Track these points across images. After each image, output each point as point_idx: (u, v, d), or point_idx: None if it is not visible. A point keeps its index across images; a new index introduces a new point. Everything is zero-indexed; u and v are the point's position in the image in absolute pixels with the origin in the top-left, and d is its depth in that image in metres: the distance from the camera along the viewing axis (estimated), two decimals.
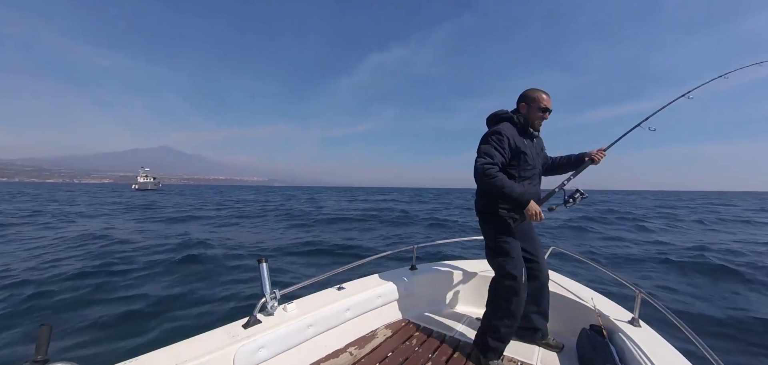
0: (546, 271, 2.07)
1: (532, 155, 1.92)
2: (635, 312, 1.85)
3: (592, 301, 2.10)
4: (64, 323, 3.76)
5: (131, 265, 6.23)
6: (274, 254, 7.87)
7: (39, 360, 0.92)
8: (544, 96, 1.92)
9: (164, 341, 1.41)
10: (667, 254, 7.80)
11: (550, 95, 1.94)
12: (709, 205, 31.04)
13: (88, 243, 8.31)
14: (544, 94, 1.92)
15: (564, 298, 2.25)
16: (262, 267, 1.65)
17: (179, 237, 9.47)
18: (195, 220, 14.95)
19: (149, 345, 2.19)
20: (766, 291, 5.35)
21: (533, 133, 1.95)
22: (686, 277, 6.16)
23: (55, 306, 4.28)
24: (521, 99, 1.96)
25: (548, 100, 1.92)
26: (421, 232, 12.65)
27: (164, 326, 3.79)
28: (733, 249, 8.56)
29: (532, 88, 1.94)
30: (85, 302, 4.40)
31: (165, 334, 3.61)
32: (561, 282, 2.46)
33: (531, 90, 1.94)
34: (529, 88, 1.95)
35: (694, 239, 10.44)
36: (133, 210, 18.80)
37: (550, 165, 2.18)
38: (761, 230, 12.95)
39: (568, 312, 2.19)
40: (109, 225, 12.22)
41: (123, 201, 27.36)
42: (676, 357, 1.52)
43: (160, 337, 3.52)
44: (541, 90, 1.93)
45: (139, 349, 2.19)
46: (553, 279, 2.53)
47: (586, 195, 1.88)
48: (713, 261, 6.95)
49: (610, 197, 57.32)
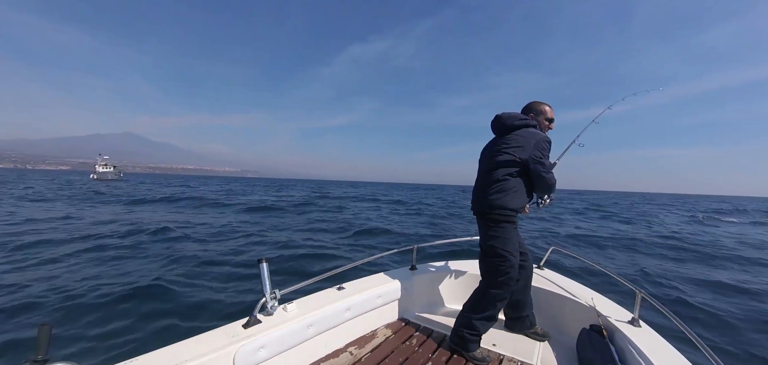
0: (532, 263, 2.20)
1: None
2: (635, 312, 1.85)
3: (592, 301, 2.10)
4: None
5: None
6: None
7: (39, 360, 0.92)
8: (548, 108, 2.14)
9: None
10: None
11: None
12: (619, 204, 33.73)
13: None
14: (547, 105, 2.14)
15: (564, 298, 2.25)
16: (262, 267, 1.65)
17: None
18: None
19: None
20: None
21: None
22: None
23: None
24: (538, 113, 2.12)
25: (551, 111, 2.15)
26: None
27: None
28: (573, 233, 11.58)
29: (538, 102, 2.13)
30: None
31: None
32: (561, 283, 2.46)
33: (539, 104, 2.13)
34: (535, 102, 2.14)
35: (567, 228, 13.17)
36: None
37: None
38: (591, 222, 16.03)
39: (568, 312, 2.19)
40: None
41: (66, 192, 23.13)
42: (676, 357, 1.52)
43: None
44: (544, 102, 2.14)
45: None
46: (553, 279, 2.53)
47: (554, 197, 2.16)
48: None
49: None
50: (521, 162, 1.90)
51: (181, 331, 3.56)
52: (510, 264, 1.86)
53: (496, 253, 1.88)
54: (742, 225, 17.24)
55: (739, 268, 7.37)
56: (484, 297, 1.91)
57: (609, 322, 1.88)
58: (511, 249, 1.87)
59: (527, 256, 2.14)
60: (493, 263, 1.90)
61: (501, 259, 1.87)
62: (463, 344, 1.89)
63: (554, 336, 2.15)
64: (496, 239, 1.89)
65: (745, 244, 10.66)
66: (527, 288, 2.14)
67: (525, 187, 1.93)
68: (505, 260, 1.86)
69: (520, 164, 1.90)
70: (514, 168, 1.90)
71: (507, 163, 1.91)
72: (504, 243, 1.87)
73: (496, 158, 1.95)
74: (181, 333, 3.28)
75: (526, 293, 2.14)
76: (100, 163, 65.90)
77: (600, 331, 1.84)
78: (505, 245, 1.87)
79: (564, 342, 2.09)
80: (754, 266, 7.60)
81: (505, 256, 1.86)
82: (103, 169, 64.63)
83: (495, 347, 2.01)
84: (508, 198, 1.88)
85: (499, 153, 1.95)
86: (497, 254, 1.88)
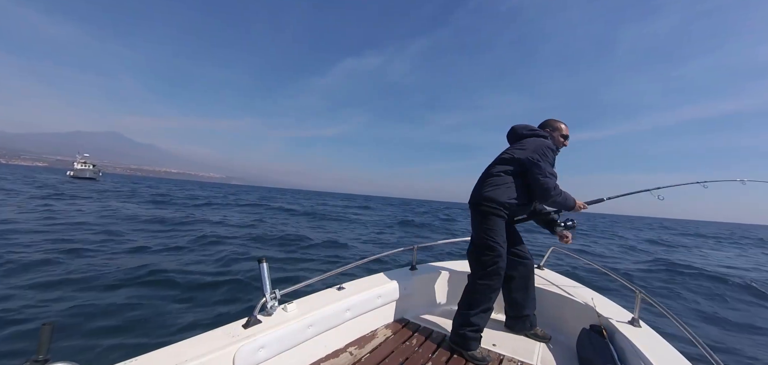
0: (532, 262, 2.21)
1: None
2: (635, 312, 1.85)
3: (592, 301, 2.10)
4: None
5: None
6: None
7: (40, 360, 0.92)
8: (564, 126, 2.17)
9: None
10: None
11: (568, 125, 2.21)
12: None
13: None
14: (563, 123, 2.18)
15: (564, 298, 2.25)
16: (262, 267, 1.65)
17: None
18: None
19: None
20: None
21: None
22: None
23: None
24: (553, 129, 2.16)
25: (567, 129, 2.18)
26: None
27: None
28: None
29: (555, 119, 2.18)
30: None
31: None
32: (561, 283, 2.46)
33: (555, 121, 2.17)
34: (552, 119, 2.19)
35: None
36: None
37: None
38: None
39: (568, 312, 2.19)
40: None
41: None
42: (676, 357, 1.52)
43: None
44: (561, 121, 2.18)
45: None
46: (553, 279, 2.53)
47: (576, 224, 2.14)
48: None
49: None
50: (518, 161, 1.96)
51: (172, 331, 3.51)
52: (497, 254, 1.89)
53: (483, 244, 1.93)
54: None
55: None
56: (475, 291, 1.93)
57: (609, 322, 1.88)
58: (498, 241, 1.90)
59: (526, 257, 2.16)
60: (481, 253, 1.93)
61: (488, 249, 1.91)
62: (464, 343, 1.90)
63: (554, 336, 2.15)
64: (485, 230, 1.94)
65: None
66: (526, 289, 2.15)
67: (517, 187, 1.96)
68: (491, 250, 1.89)
69: (516, 162, 1.97)
70: (510, 166, 1.98)
71: (504, 160, 2.02)
72: (492, 234, 1.91)
73: (498, 157, 2.07)
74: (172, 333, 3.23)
75: (525, 294, 2.15)
76: (80, 161, 62.62)
77: (600, 331, 1.84)
78: (493, 236, 1.91)
79: (564, 343, 2.09)
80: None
81: (493, 247, 1.89)
82: (81, 167, 61.43)
83: (495, 347, 2.01)
84: (499, 192, 1.94)
85: (502, 154, 2.07)
86: (485, 245, 1.92)
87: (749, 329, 4.75)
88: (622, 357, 1.66)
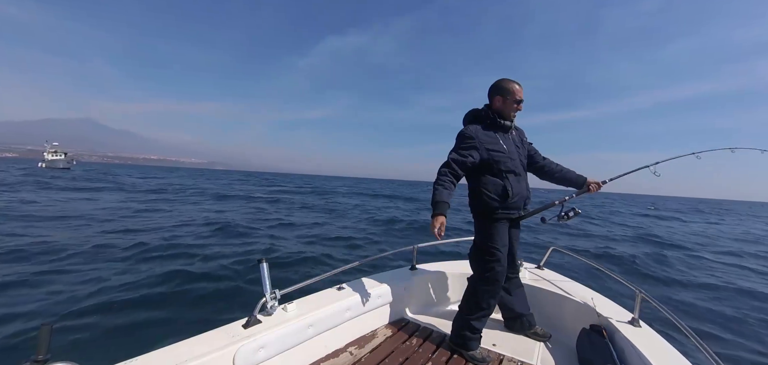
0: (518, 267, 2.18)
1: (510, 149, 1.91)
2: (635, 312, 1.84)
3: (592, 301, 2.10)
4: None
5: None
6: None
7: (40, 360, 0.92)
8: (517, 87, 1.88)
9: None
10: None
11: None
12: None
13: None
14: (516, 84, 1.88)
15: (564, 298, 2.25)
16: (262, 266, 1.65)
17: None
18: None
19: None
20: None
21: (508, 125, 1.93)
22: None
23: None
24: (496, 91, 1.90)
25: (521, 91, 1.89)
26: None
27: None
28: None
29: (505, 80, 1.89)
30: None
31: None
32: (561, 283, 2.46)
33: (504, 81, 1.89)
34: (501, 80, 1.90)
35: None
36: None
37: (539, 166, 2.13)
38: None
39: (568, 312, 2.19)
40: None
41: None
42: (676, 357, 1.52)
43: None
44: (513, 81, 1.89)
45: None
46: (553, 279, 2.53)
47: (580, 212, 2.00)
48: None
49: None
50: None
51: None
52: (495, 259, 1.87)
53: (483, 248, 1.92)
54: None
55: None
56: (475, 294, 1.92)
57: (609, 322, 1.87)
58: (497, 245, 1.87)
59: (514, 261, 2.11)
60: (481, 257, 1.93)
61: (487, 254, 1.89)
62: (463, 344, 1.90)
63: (554, 336, 2.14)
64: (483, 235, 1.93)
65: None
66: (509, 291, 2.13)
67: (476, 185, 1.93)
68: (490, 255, 1.88)
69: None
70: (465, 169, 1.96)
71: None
72: (490, 239, 1.89)
73: None
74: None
75: (512, 295, 2.14)
76: (49, 150, 57.93)
77: (600, 331, 1.84)
78: (492, 241, 1.88)
79: (564, 342, 2.09)
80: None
81: (492, 251, 1.88)
82: (52, 157, 57.06)
83: (495, 347, 2.01)
84: (472, 200, 1.96)
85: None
86: (484, 249, 1.91)
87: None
88: (622, 357, 1.66)
